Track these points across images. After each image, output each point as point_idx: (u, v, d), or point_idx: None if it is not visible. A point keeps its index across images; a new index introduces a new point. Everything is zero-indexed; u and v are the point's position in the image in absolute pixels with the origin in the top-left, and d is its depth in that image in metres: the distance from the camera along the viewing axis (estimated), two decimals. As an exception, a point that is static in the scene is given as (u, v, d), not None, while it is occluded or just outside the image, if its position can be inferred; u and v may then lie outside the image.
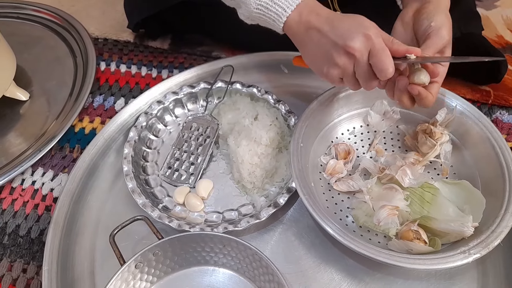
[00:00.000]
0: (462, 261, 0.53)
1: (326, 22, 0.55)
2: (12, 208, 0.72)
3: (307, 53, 0.60)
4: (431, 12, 0.59)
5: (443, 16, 0.58)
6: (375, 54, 0.53)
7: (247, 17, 0.62)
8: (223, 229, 0.62)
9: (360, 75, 0.56)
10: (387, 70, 0.53)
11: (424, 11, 0.59)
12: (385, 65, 0.53)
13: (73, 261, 0.64)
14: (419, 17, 0.60)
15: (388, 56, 0.53)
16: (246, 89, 0.78)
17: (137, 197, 0.66)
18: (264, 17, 0.59)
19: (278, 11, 0.57)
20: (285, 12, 0.57)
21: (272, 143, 0.71)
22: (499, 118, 0.80)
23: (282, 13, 0.57)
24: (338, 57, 0.55)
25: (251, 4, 0.58)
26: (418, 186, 0.63)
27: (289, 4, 0.57)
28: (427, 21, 0.58)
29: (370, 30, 0.53)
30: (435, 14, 0.58)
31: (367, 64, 0.54)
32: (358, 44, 0.53)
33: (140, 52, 0.96)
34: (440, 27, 0.57)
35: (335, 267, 0.62)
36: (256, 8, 0.58)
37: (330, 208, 0.65)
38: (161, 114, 0.78)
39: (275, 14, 0.57)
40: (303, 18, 0.57)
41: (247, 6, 0.59)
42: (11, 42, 0.85)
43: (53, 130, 0.80)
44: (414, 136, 0.70)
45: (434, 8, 0.59)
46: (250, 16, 0.61)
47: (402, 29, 0.62)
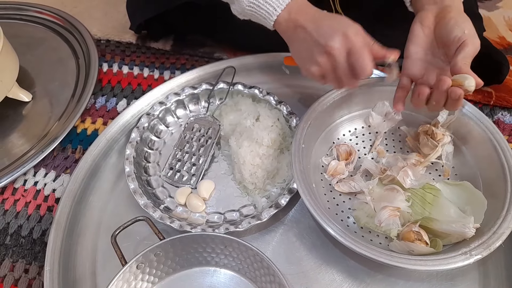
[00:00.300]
0: (463, 262, 0.53)
1: (311, 21, 0.58)
2: (15, 209, 0.72)
3: (295, 50, 0.62)
4: (458, 18, 0.58)
5: (471, 24, 0.58)
6: (354, 53, 0.56)
7: (239, 13, 0.64)
8: (224, 230, 0.62)
9: (340, 73, 0.58)
10: (365, 69, 0.56)
11: (449, 16, 0.58)
12: (364, 64, 0.55)
13: (75, 261, 0.65)
14: (445, 23, 0.58)
15: (367, 55, 0.55)
16: (248, 90, 0.79)
17: (139, 198, 0.66)
18: (256, 14, 0.61)
19: (269, 9, 0.59)
20: (275, 11, 0.59)
21: (274, 144, 0.71)
22: (500, 119, 0.79)
23: (273, 12, 0.59)
24: (318, 56, 0.57)
25: (243, 1, 0.60)
26: (420, 187, 0.63)
27: (280, 3, 0.59)
28: (459, 29, 0.57)
29: (349, 29, 0.56)
30: (464, 20, 0.58)
31: (345, 63, 0.57)
32: (337, 44, 0.55)
33: (142, 53, 0.96)
34: (474, 36, 0.57)
35: (336, 268, 0.62)
36: (248, 6, 0.60)
37: (331, 209, 0.65)
38: (163, 115, 0.78)
39: (266, 12, 0.60)
40: (292, 16, 0.59)
41: (239, 3, 0.61)
42: (14, 44, 0.85)
43: (55, 131, 0.80)
44: (416, 137, 0.70)
45: (458, 14, 0.58)
46: (242, 12, 0.63)
47: (422, 32, 0.61)
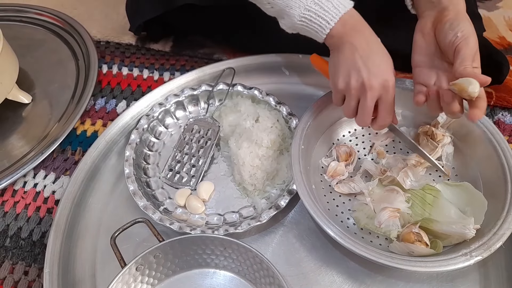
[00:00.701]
0: (464, 263, 0.53)
1: (363, 47, 0.57)
2: (14, 211, 0.72)
3: (335, 59, 0.60)
4: (454, 20, 0.57)
5: (467, 23, 0.57)
6: (384, 103, 0.58)
7: (289, 27, 0.63)
8: (224, 231, 0.62)
9: (362, 110, 0.59)
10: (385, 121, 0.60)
11: (446, 20, 0.58)
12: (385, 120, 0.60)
13: (74, 263, 0.64)
14: (442, 27, 0.58)
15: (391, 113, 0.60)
16: (248, 91, 0.78)
17: (138, 200, 0.66)
18: (307, 28, 0.60)
19: (322, 23, 0.58)
20: (328, 25, 0.58)
21: (273, 145, 0.71)
22: (501, 120, 0.79)
23: (325, 25, 0.58)
24: (354, 81, 0.57)
25: (295, 16, 0.59)
26: (420, 188, 0.63)
27: (332, 17, 0.57)
28: (452, 31, 0.57)
29: (391, 79, 0.57)
30: (459, 22, 0.57)
31: (372, 106, 0.58)
32: (377, 85, 0.56)
33: (142, 55, 0.96)
34: (468, 36, 0.56)
35: (336, 270, 0.62)
36: (300, 20, 0.59)
37: (331, 210, 0.65)
38: (162, 116, 0.78)
39: (318, 26, 0.58)
40: (347, 29, 0.58)
41: (290, 18, 0.60)
42: (13, 45, 0.85)
43: (55, 133, 0.80)
44: (416, 138, 0.70)
45: (455, 16, 0.58)
46: (292, 27, 0.62)
47: (424, 42, 0.61)
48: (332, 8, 0.57)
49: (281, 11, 0.60)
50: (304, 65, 0.83)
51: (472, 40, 0.56)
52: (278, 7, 0.60)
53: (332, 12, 0.57)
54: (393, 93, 0.58)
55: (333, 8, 0.57)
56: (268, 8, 0.63)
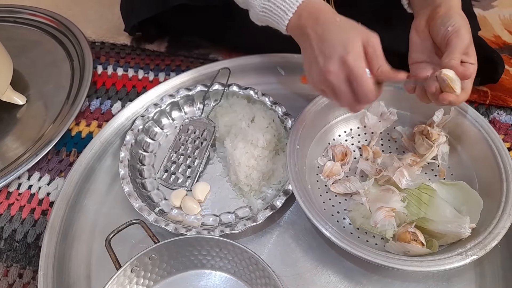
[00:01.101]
0: (460, 262, 0.53)
1: (318, 32, 0.54)
2: (9, 213, 0.72)
3: (303, 56, 0.60)
4: (445, 15, 0.57)
5: (458, 17, 0.57)
6: (353, 80, 0.52)
7: (256, 19, 0.63)
8: (219, 232, 0.62)
9: (340, 96, 0.55)
10: (366, 96, 0.53)
11: (438, 16, 0.58)
12: (364, 91, 0.52)
13: (69, 265, 0.64)
14: (434, 23, 0.58)
15: (366, 83, 0.52)
16: (243, 91, 0.78)
17: (134, 201, 0.66)
18: (269, 19, 0.60)
19: (280, 14, 0.57)
20: (287, 15, 0.57)
21: (269, 145, 0.71)
22: (496, 119, 0.79)
23: (284, 16, 0.57)
24: (316, 74, 0.56)
25: (256, 7, 0.59)
26: (415, 188, 0.63)
27: (290, 6, 0.56)
28: (443, 26, 0.56)
29: (350, 52, 0.51)
30: (450, 16, 0.57)
31: (345, 87, 0.53)
32: (333, 67, 0.52)
33: (137, 55, 0.96)
34: (458, 29, 0.55)
35: (332, 270, 0.62)
36: (261, 11, 0.59)
37: (327, 210, 0.65)
38: (157, 117, 0.78)
39: (278, 16, 0.58)
40: (302, 21, 0.56)
41: (253, 9, 0.60)
42: (8, 46, 0.85)
43: (50, 134, 0.80)
44: (411, 137, 0.70)
45: (446, 11, 0.58)
46: (257, 18, 0.62)
47: (419, 40, 0.61)
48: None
49: (246, 2, 0.61)
50: (300, 65, 0.82)
51: (463, 32, 0.56)
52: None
53: (290, 2, 0.56)
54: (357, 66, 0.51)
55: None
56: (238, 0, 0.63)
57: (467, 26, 0.57)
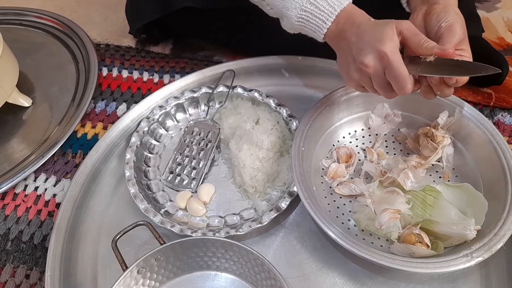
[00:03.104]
0: (465, 264, 0.53)
1: (355, 33, 0.56)
2: (15, 214, 0.72)
3: (338, 59, 0.61)
4: (440, 12, 0.58)
5: (453, 13, 0.58)
6: (390, 72, 0.54)
7: (289, 28, 0.63)
8: (225, 234, 0.62)
9: (379, 88, 0.57)
10: (404, 88, 0.54)
11: (433, 12, 0.59)
12: (401, 83, 0.54)
13: (76, 266, 0.64)
14: (429, 19, 0.59)
15: (404, 74, 0.53)
16: (248, 93, 0.79)
17: (139, 202, 0.66)
18: (306, 28, 0.60)
19: (319, 23, 0.58)
20: (325, 25, 0.58)
21: (274, 147, 0.71)
22: (500, 120, 0.79)
23: (322, 25, 0.58)
24: (354, 71, 0.57)
25: (292, 17, 0.59)
26: (420, 189, 0.63)
27: (328, 16, 0.57)
28: (437, 22, 0.57)
29: (385, 45, 0.53)
30: (445, 13, 0.58)
31: (383, 79, 0.55)
32: (371, 62, 0.54)
33: (141, 57, 0.96)
34: (451, 24, 0.56)
35: (337, 271, 0.62)
36: (297, 21, 0.60)
37: (332, 212, 0.65)
38: (162, 119, 0.78)
39: (315, 26, 0.59)
40: (339, 27, 0.58)
41: (288, 19, 0.61)
42: (14, 49, 0.85)
43: (55, 136, 0.80)
44: (416, 139, 0.70)
45: (442, 8, 0.59)
46: (291, 28, 0.62)
47: None
48: (327, 7, 0.57)
49: (280, 12, 0.61)
50: (304, 67, 0.84)
51: (456, 27, 0.56)
52: (276, 8, 0.61)
53: (328, 11, 0.57)
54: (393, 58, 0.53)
55: (329, 7, 0.57)
56: (268, 10, 0.64)
57: (461, 23, 0.58)
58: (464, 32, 0.57)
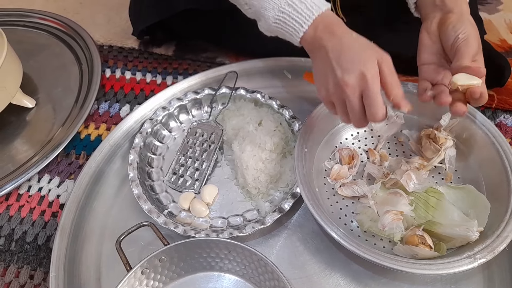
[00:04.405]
0: (468, 266, 0.53)
1: (336, 45, 0.55)
2: (19, 215, 0.73)
3: (314, 68, 0.60)
4: (456, 22, 0.58)
5: (469, 25, 0.58)
6: (367, 97, 0.53)
7: (266, 30, 0.63)
8: (228, 235, 0.62)
9: (350, 110, 0.56)
10: (375, 116, 0.53)
11: (449, 21, 0.59)
12: (374, 111, 0.53)
13: (80, 267, 0.65)
14: (445, 29, 0.59)
15: (379, 103, 0.53)
16: (250, 94, 0.79)
17: (143, 203, 0.66)
18: (282, 31, 0.59)
19: (296, 26, 0.57)
20: (302, 28, 0.57)
21: (277, 148, 0.71)
22: (503, 122, 0.80)
23: (299, 28, 0.57)
24: (332, 85, 0.56)
25: (269, 18, 0.59)
26: (423, 191, 0.63)
27: (306, 19, 0.57)
28: (454, 33, 0.57)
29: (369, 69, 0.53)
30: (461, 24, 0.58)
31: (358, 103, 0.54)
32: (352, 80, 0.53)
33: (144, 59, 0.97)
34: (468, 37, 0.57)
35: (340, 272, 0.62)
36: (275, 22, 0.59)
37: (334, 213, 0.65)
38: (166, 120, 0.78)
39: (292, 28, 0.58)
40: (317, 34, 0.57)
41: (266, 20, 0.60)
42: (17, 50, 0.86)
43: (59, 137, 0.80)
44: (418, 141, 0.70)
45: (458, 18, 0.58)
46: (268, 29, 0.62)
47: (430, 41, 0.61)
48: (305, 10, 0.56)
49: (257, 12, 0.60)
50: (307, 68, 0.84)
51: (472, 40, 0.57)
52: (254, 8, 0.60)
53: (305, 14, 0.56)
54: (374, 84, 0.53)
55: (306, 10, 0.56)
56: (246, 10, 0.63)
57: (476, 34, 0.58)
58: (479, 43, 0.58)
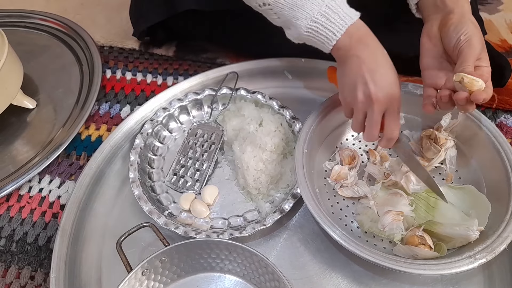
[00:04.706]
0: (468, 266, 0.53)
1: (370, 59, 0.57)
2: (20, 216, 0.73)
3: (342, 72, 0.61)
4: (458, 23, 0.58)
5: (471, 25, 0.58)
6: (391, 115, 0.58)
7: (295, 38, 0.62)
8: (228, 236, 0.63)
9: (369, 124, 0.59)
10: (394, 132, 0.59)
11: (450, 23, 0.59)
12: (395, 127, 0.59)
13: (80, 268, 0.65)
14: (447, 30, 0.59)
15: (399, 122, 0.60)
16: (251, 95, 0.79)
17: (143, 204, 0.66)
18: (314, 39, 0.60)
19: (328, 35, 0.58)
20: (335, 36, 0.58)
21: (277, 149, 0.71)
22: (503, 122, 0.79)
23: (332, 37, 0.58)
24: (360, 93, 0.57)
25: (301, 28, 0.59)
26: (423, 192, 0.63)
27: (339, 28, 0.57)
28: (456, 35, 0.57)
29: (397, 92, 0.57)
30: (463, 25, 0.57)
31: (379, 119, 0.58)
32: (382, 98, 0.56)
33: (145, 60, 0.97)
34: (470, 38, 0.56)
35: (340, 273, 0.62)
36: (306, 32, 0.59)
37: (335, 214, 0.65)
38: (166, 121, 0.78)
39: (325, 37, 0.58)
40: (352, 43, 0.58)
41: (297, 29, 0.59)
42: (18, 51, 0.86)
43: (59, 138, 0.80)
44: (419, 141, 0.70)
45: (459, 19, 0.58)
46: (298, 38, 0.62)
47: (431, 44, 0.62)
48: (338, 19, 0.57)
49: (288, 22, 0.60)
50: (307, 69, 0.84)
51: (475, 41, 0.57)
52: (285, 17, 0.60)
53: (339, 24, 0.57)
54: (399, 106, 0.58)
55: (340, 20, 0.57)
56: (274, 19, 0.63)
57: (479, 34, 0.57)
58: (482, 43, 0.57)
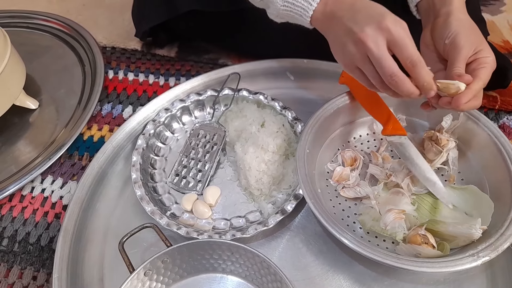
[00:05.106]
0: (471, 264, 0.53)
1: (348, 10, 0.54)
2: (22, 216, 0.73)
3: (331, 41, 0.58)
4: (442, 26, 0.58)
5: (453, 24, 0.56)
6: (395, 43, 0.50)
7: (276, 16, 0.62)
8: (231, 236, 0.63)
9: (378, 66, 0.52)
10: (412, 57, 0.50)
11: (436, 27, 0.58)
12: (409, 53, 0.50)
13: (83, 268, 0.65)
14: (435, 36, 0.59)
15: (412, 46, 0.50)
16: (253, 96, 0.79)
17: (146, 205, 0.66)
18: (291, 13, 0.59)
19: (304, 5, 0.57)
20: (311, 6, 0.57)
21: (279, 150, 0.71)
22: (506, 124, 0.79)
23: (308, 7, 0.57)
24: (351, 46, 0.53)
25: (278, 2, 0.58)
26: (425, 192, 0.63)
27: None
28: (442, 40, 0.57)
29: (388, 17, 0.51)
30: (445, 28, 0.57)
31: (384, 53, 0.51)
32: (371, 31, 0.51)
33: (147, 60, 0.97)
34: (454, 40, 0.56)
35: (343, 274, 0.62)
36: (283, 5, 0.58)
37: (337, 215, 0.65)
38: (168, 121, 0.79)
39: (301, 8, 0.57)
40: (328, 8, 0.56)
41: (274, 5, 0.59)
42: (20, 52, 0.86)
43: (62, 138, 0.81)
44: (420, 143, 0.70)
45: (443, 21, 0.58)
46: (278, 14, 0.61)
47: (428, 50, 0.61)
48: None
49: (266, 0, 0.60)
50: (309, 70, 0.84)
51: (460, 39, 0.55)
52: None
53: None
54: (397, 27, 0.50)
55: None
56: (257, 2, 0.62)
57: (466, 31, 0.56)
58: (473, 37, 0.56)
